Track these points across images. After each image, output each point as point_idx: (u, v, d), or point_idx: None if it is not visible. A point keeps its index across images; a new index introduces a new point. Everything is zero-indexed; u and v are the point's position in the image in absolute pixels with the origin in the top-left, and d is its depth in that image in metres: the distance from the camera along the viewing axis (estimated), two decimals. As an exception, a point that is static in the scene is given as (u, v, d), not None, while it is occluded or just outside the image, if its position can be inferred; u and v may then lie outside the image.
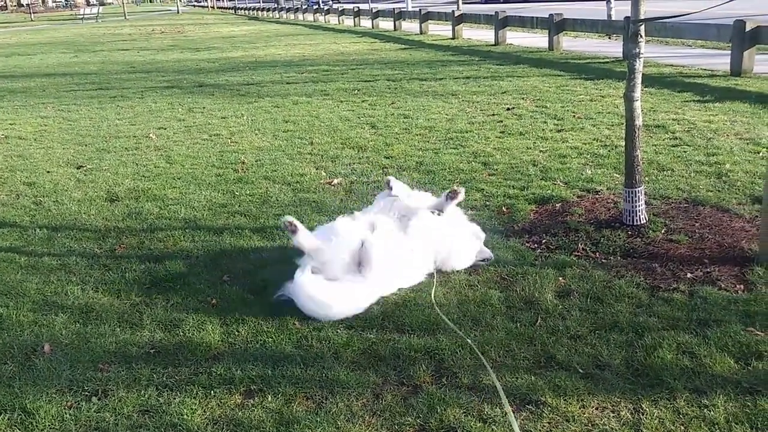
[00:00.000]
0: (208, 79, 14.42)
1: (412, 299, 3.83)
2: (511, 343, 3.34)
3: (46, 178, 6.86)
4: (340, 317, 3.65)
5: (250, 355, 3.35)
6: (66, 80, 15.62)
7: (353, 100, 10.53)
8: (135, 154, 7.75)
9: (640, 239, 4.37)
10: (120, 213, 5.64)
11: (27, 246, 5.00)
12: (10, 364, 3.39)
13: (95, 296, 4.10)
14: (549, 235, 4.59)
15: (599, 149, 6.71)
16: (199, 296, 4.03)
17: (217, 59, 18.74)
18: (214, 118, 9.72)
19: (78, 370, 3.29)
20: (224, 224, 5.24)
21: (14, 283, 4.33)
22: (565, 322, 3.50)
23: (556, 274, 4.03)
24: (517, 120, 8.32)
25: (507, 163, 6.42)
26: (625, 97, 4.39)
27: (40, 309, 3.96)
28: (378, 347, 3.36)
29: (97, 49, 25.42)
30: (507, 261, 4.25)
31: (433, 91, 10.89)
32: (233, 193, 6.01)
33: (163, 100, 11.73)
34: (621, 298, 3.70)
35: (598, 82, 10.61)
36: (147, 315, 3.82)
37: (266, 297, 3.95)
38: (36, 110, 11.41)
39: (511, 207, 5.21)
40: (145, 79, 15.10)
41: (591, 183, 5.65)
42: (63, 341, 3.58)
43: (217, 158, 7.33)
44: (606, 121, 7.94)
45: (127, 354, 3.43)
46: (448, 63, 14.54)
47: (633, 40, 4.23)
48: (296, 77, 13.79)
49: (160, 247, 4.85)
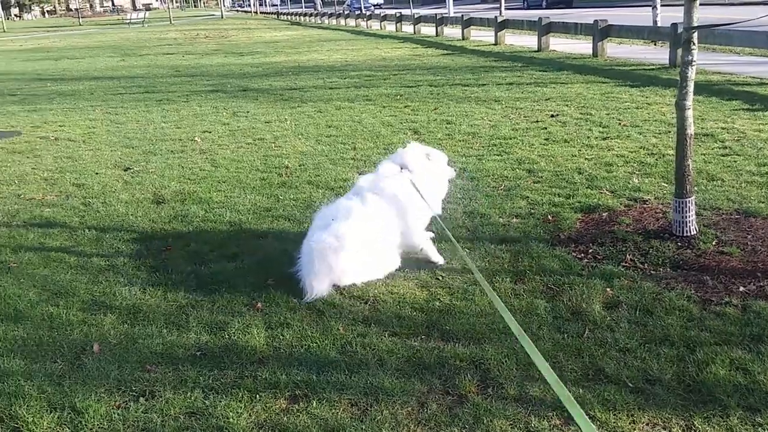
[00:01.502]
0: (252, 83, 14.58)
1: (457, 307, 3.80)
2: (558, 354, 3.28)
3: (95, 180, 7.00)
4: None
5: (294, 360, 3.36)
6: (113, 83, 15.95)
7: (396, 106, 10.53)
8: (181, 157, 7.86)
9: (691, 251, 4.28)
10: (166, 215, 5.72)
11: (76, 246, 5.10)
12: (60, 362, 3.45)
13: (142, 297, 4.16)
14: (596, 244, 4.52)
15: (646, 158, 6.59)
16: (245, 299, 4.06)
17: (260, 64, 18.94)
18: (258, 123, 9.81)
19: (126, 371, 3.34)
20: (269, 228, 5.28)
21: (64, 282, 4.42)
22: (614, 334, 3.43)
23: (604, 284, 3.96)
24: (561, 127, 8.23)
25: (552, 171, 6.34)
26: (676, 105, 4.30)
27: (89, 309, 4.04)
28: (423, 355, 3.34)
29: (143, 53, 25.92)
30: (553, 270, 4.19)
31: (476, 97, 10.84)
32: (277, 197, 6.05)
33: (207, 104, 11.89)
34: (671, 311, 3.61)
35: (644, 89, 10.43)
36: (193, 317, 3.86)
37: (311, 302, 3.96)
38: (85, 113, 11.67)
39: (557, 215, 5.14)
40: (190, 82, 15.34)
41: (638, 192, 5.55)
42: (111, 341, 3.64)
43: (262, 162, 7.39)
44: (653, 129, 7.80)
45: (174, 356, 3.47)
46: (490, 69, 14.46)
47: (686, 47, 4.14)
48: (339, 82, 13.86)
49: (205, 249, 4.90)
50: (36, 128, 10.35)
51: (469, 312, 3.74)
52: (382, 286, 4.13)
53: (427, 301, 3.93)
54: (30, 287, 4.36)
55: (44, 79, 17.70)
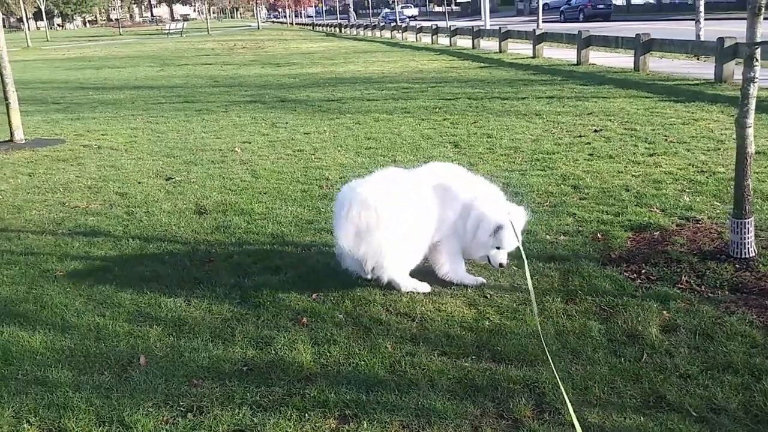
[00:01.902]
0: (290, 94, 14.64)
1: (507, 327, 3.71)
2: (615, 379, 3.17)
3: (137, 189, 7.04)
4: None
5: (343, 378, 3.29)
6: (153, 93, 16.15)
7: (434, 118, 10.47)
8: (221, 167, 7.88)
9: (750, 273, 4.13)
10: (209, 226, 5.71)
11: (120, 256, 5.11)
12: (108, 374, 3.43)
13: (187, 309, 4.13)
14: (649, 264, 4.38)
15: (696, 175, 6.43)
16: (289, 314, 4.01)
17: (297, 75, 19.04)
18: (298, 134, 9.82)
19: (173, 385, 3.30)
20: (311, 241, 5.24)
21: (109, 292, 4.42)
22: (673, 359, 3.31)
23: (660, 307, 3.83)
24: (605, 142, 8.08)
25: (598, 187, 6.21)
26: (736, 123, 4.16)
27: (134, 320, 4.02)
28: (474, 376, 3.25)
29: (182, 63, 26.27)
30: (605, 291, 4.07)
31: (516, 111, 10.73)
32: (319, 209, 6.01)
33: (246, 115, 11.95)
34: (733, 337, 3.47)
35: (689, 104, 10.21)
36: (238, 331, 3.82)
37: (357, 318, 3.90)
38: (126, 121, 11.80)
39: (606, 234, 5.01)
40: (228, 93, 15.46)
41: (690, 211, 5.40)
42: (157, 354, 3.61)
43: (302, 174, 7.37)
44: (701, 145, 7.62)
45: (220, 370, 3.42)
46: (529, 82, 14.34)
47: (748, 63, 4.01)
48: (376, 94, 13.85)
49: (248, 261, 4.87)
50: (79, 136, 10.49)
51: (520, 332, 3.64)
52: (429, 303, 4.05)
53: (476, 320, 3.84)
54: (76, 296, 4.37)
55: (86, 88, 18.00)
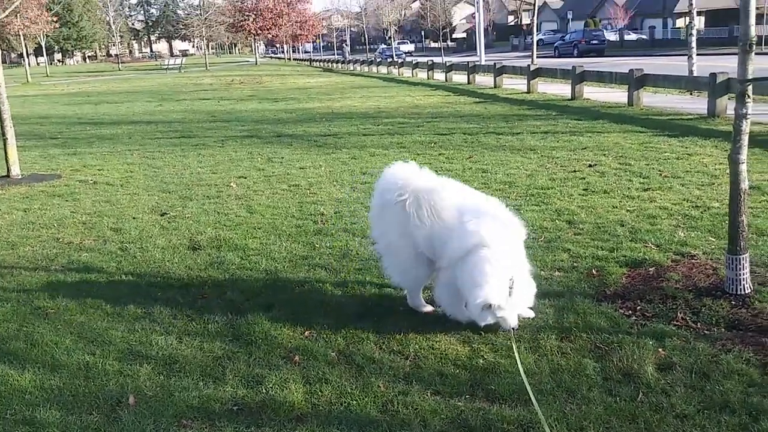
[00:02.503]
0: (286, 129, 14.71)
1: (502, 365, 3.67)
2: (611, 419, 3.13)
3: (132, 224, 7.02)
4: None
5: (334, 418, 3.24)
6: (151, 128, 16.22)
7: (430, 153, 10.51)
8: (216, 203, 7.87)
9: (746, 310, 4.10)
10: (202, 262, 5.69)
11: (113, 292, 5.07)
12: (96, 414, 3.37)
13: (179, 347, 4.09)
14: (644, 301, 4.36)
15: (690, 210, 6.43)
16: (282, 351, 3.96)
17: (294, 110, 19.16)
18: (293, 168, 9.84)
19: (162, 425, 3.25)
20: (305, 277, 5.21)
21: (100, 330, 4.37)
22: (670, 398, 3.26)
23: (656, 344, 3.79)
24: (600, 177, 8.10)
25: (593, 223, 6.21)
26: (729, 159, 4.18)
27: (125, 358, 3.97)
28: (468, 416, 3.21)
29: (180, 98, 26.44)
30: (601, 328, 4.04)
31: (511, 146, 10.78)
32: (313, 245, 5.99)
33: (242, 149, 11.98)
34: (730, 375, 3.44)
35: (683, 139, 10.26)
36: (229, 369, 3.77)
37: (349, 356, 3.85)
38: (123, 157, 11.83)
39: (601, 270, 4.99)
40: (225, 128, 15.53)
41: (685, 246, 5.38)
42: (147, 393, 3.56)
43: (297, 209, 7.37)
44: (695, 180, 7.64)
45: (210, 410, 3.37)
46: (524, 117, 14.44)
47: (740, 100, 4.04)
48: (372, 129, 13.92)
49: (241, 298, 4.84)
50: (75, 171, 10.50)
51: (515, 371, 3.59)
52: (422, 341, 4.01)
53: (470, 358, 3.80)
54: (66, 334, 4.32)
55: (84, 123, 18.08)
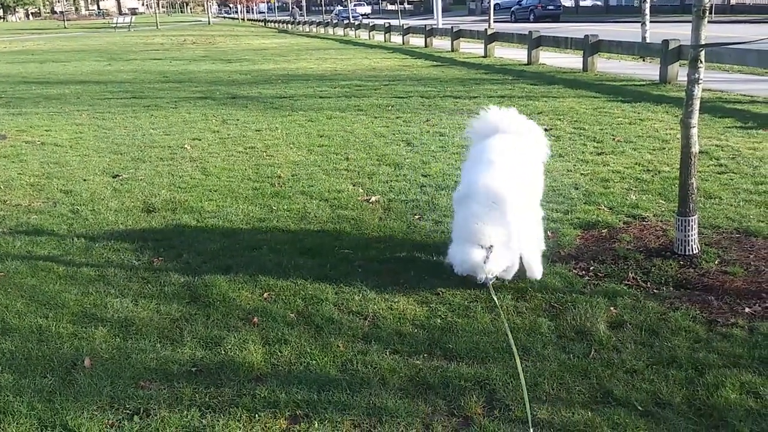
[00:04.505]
0: (241, 90, 14.47)
1: (459, 324, 3.72)
2: (564, 375, 3.21)
3: (83, 187, 6.86)
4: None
5: (294, 378, 3.26)
6: (100, 88, 15.77)
7: (387, 116, 10.47)
8: (170, 165, 7.74)
9: (694, 270, 4.23)
10: (157, 224, 5.60)
11: (65, 255, 4.97)
12: (50, 377, 3.33)
13: (135, 310, 4.04)
14: (597, 262, 4.46)
15: (642, 174, 6.57)
16: (240, 313, 3.95)
17: (249, 71, 18.83)
18: (249, 131, 9.71)
19: (119, 387, 3.22)
20: (262, 239, 5.18)
21: (53, 293, 4.29)
22: (620, 355, 3.37)
23: (608, 303, 3.90)
24: (555, 141, 8.19)
25: (548, 186, 6.24)
26: (681, 123, 4.26)
27: (79, 321, 3.91)
28: (426, 374, 3.26)
29: (130, 57, 25.73)
30: (555, 288, 4.13)
31: (468, 110, 10.78)
32: (270, 207, 5.95)
33: (196, 111, 11.76)
34: (677, 332, 3.56)
35: (636, 104, 10.43)
36: (187, 331, 3.75)
37: (308, 317, 3.87)
38: (71, 117, 11.50)
39: (556, 231, 5.09)
40: (178, 89, 15.20)
41: (636, 209, 5.51)
42: (103, 355, 3.52)
43: (253, 171, 7.29)
44: (647, 145, 7.79)
45: (168, 371, 3.36)
46: (481, 81, 14.46)
47: (692, 65, 4.11)
48: (329, 91, 13.78)
49: (198, 261, 4.79)
50: (21, 132, 10.17)
51: (472, 330, 3.66)
52: (381, 302, 4.04)
53: (428, 317, 3.84)
54: (17, 298, 4.23)
55: (29, 82, 17.48)
